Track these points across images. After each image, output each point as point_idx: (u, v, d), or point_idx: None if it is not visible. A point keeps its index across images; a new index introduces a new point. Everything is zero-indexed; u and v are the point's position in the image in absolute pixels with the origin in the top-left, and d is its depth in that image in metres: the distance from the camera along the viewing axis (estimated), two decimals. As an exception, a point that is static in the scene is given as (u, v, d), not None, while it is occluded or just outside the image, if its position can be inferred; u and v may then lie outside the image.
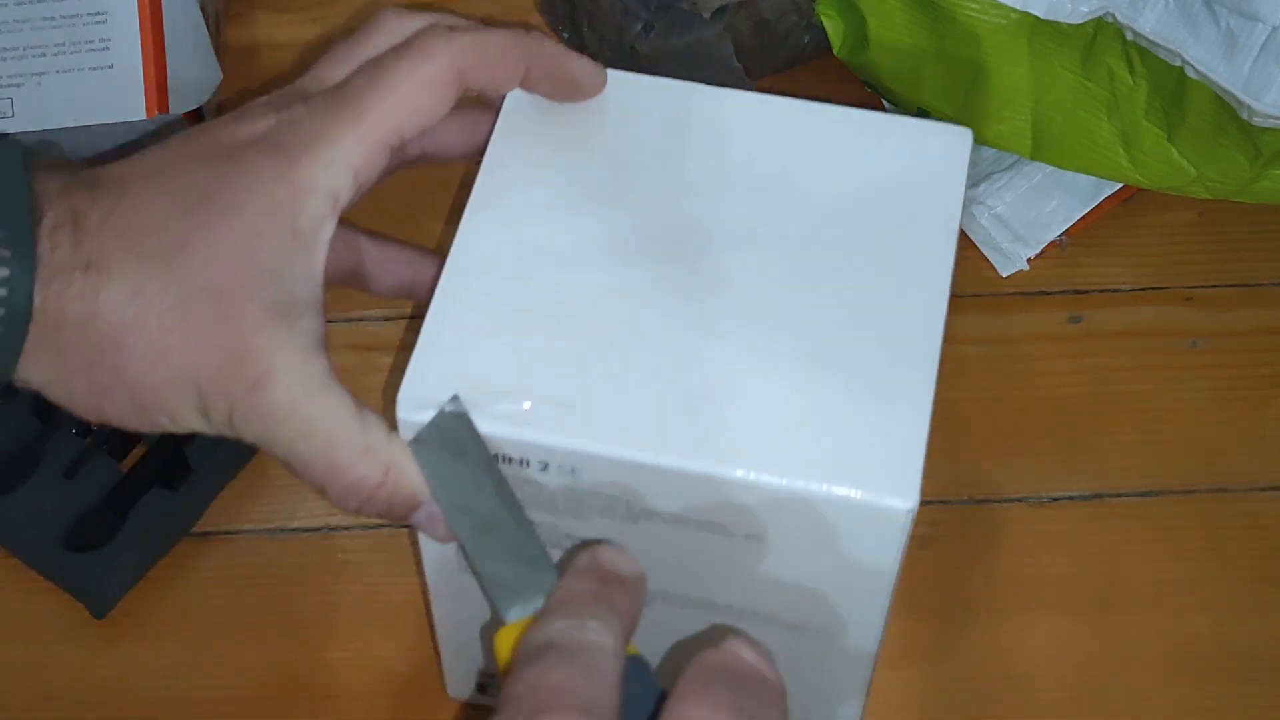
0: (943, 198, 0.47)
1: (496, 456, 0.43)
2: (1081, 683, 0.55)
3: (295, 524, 0.59)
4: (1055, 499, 0.60)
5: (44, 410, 0.59)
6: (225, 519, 0.59)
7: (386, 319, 0.64)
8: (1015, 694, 0.55)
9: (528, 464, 0.43)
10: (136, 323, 0.42)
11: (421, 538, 0.47)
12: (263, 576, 0.58)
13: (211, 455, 0.59)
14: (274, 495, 0.59)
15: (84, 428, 0.59)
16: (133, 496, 0.57)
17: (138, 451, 0.59)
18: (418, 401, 0.43)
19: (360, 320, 0.64)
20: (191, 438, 0.58)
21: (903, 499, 0.41)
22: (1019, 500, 0.59)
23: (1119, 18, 0.59)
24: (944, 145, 0.48)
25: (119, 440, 0.59)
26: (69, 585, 0.56)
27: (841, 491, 0.41)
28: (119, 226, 0.42)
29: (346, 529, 0.59)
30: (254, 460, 0.60)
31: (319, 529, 0.59)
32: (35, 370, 0.42)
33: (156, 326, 0.42)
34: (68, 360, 0.42)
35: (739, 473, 0.41)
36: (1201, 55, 0.58)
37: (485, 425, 0.42)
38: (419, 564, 0.49)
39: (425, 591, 0.50)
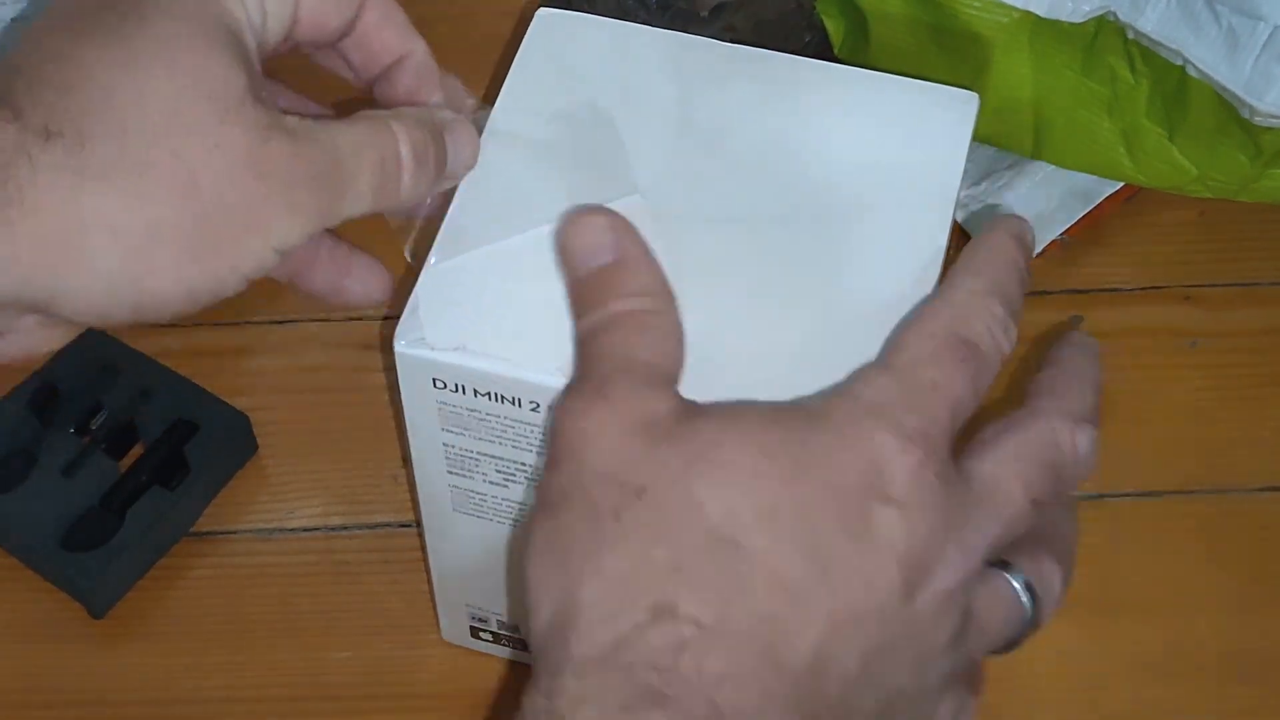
0: (944, 163, 0.47)
1: (490, 395, 0.43)
2: (1081, 684, 0.55)
3: (293, 524, 0.59)
4: (1055, 499, 0.59)
5: (42, 409, 0.59)
6: (224, 519, 0.59)
7: (386, 318, 0.64)
8: (1015, 695, 0.55)
9: (519, 403, 0.43)
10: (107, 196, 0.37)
11: (418, 473, 0.47)
12: (261, 577, 0.58)
13: (210, 455, 0.59)
14: (272, 495, 0.59)
15: (82, 427, 0.59)
16: (131, 496, 0.57)
17: (136, 451, 0.59)
18: (414, 337, 0.43)
19: (360, 320, 0.64)
20: (190, 437, 0.58)
21: None
22: (1019, 500, 0.59)
23: (1120, 17, 0.59)
24: (950, 109, 0.48)
25: (117, 440, 0.59)
26: (67, 585, 0.56)
27: None
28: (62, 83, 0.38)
29: (344, 529, 0.59)
30: (252, 460, 0.60)
31: (317, 529, 0.59)
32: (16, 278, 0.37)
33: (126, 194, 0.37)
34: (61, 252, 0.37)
35: None
36: (1203, 54, 0.58)
37: (479, 364, 0.42)
38: (416, 514, 0.49)
39: (422, 544, 0.50)
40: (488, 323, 0.43)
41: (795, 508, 0.37)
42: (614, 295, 0.40)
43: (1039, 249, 0.65)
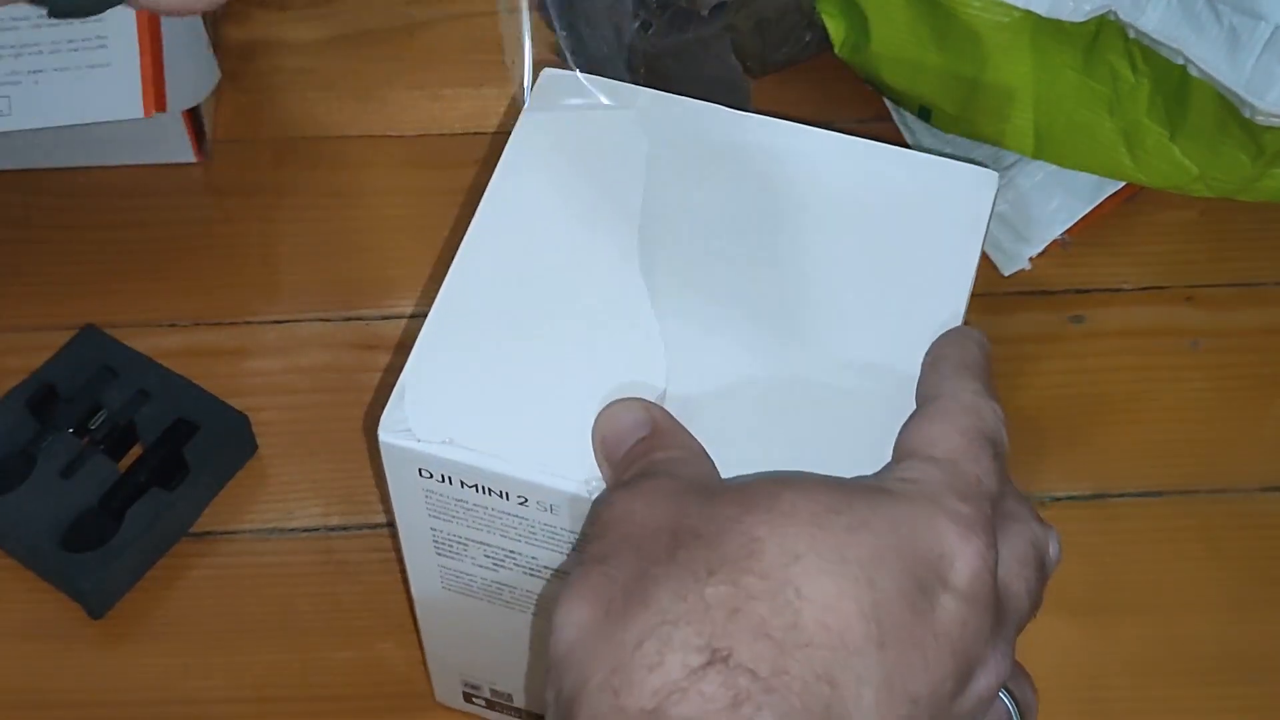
0: (962, 243, 0.46)
1: (477, 487, 0.42)
2: (1082, 685, 0.55)
3: (293, 524, 0.59)
4: (1056, 499, 0.59)
5: (41, 410, 0.59)
6: (223, 519, 0.59)
7: (386, 318, 0.64)
8: (1015, 696, 0.55)
9: (507, 496, 0.42)
10: None
11: (406, 551, 0.46)
12: (260, 577, 0.57)
13: (209, 456, 0.58)
14: (271, 496, 0.59)
15: (81, 428, 0.59)
16: (130, 497, 0.57)
17: (135, 452, 0.59)
18: (399, 428, 0.42)
19: (360, 319, 0.64)
20: (189, 437, 0.58)
21: None
22: (1019, 501, 0.59)
23: (1121, 16, 0.59)
24: (969, 188, 0.47)
25: (116, 440, 0.58)
26: (66, 586, 0.56)
27: None
28: None
29: (344, 529, 0.59)
30: (252, 461, 0.60)
31: (316, 529, 0.59)
32: None
33: None
34: None
35: None
36: (1204, 54, 0.58)
37: (464, 456, 0.41)
38: (404, 580, 0.49)
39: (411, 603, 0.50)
40: (475, 415, 0.42)
41: (860, 562, 0.35)
42: (652, 452, 0.40)
43: (1041, 248, 0.65)
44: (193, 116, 0.66)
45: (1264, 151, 0.60)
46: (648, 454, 0.40)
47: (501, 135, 0.69)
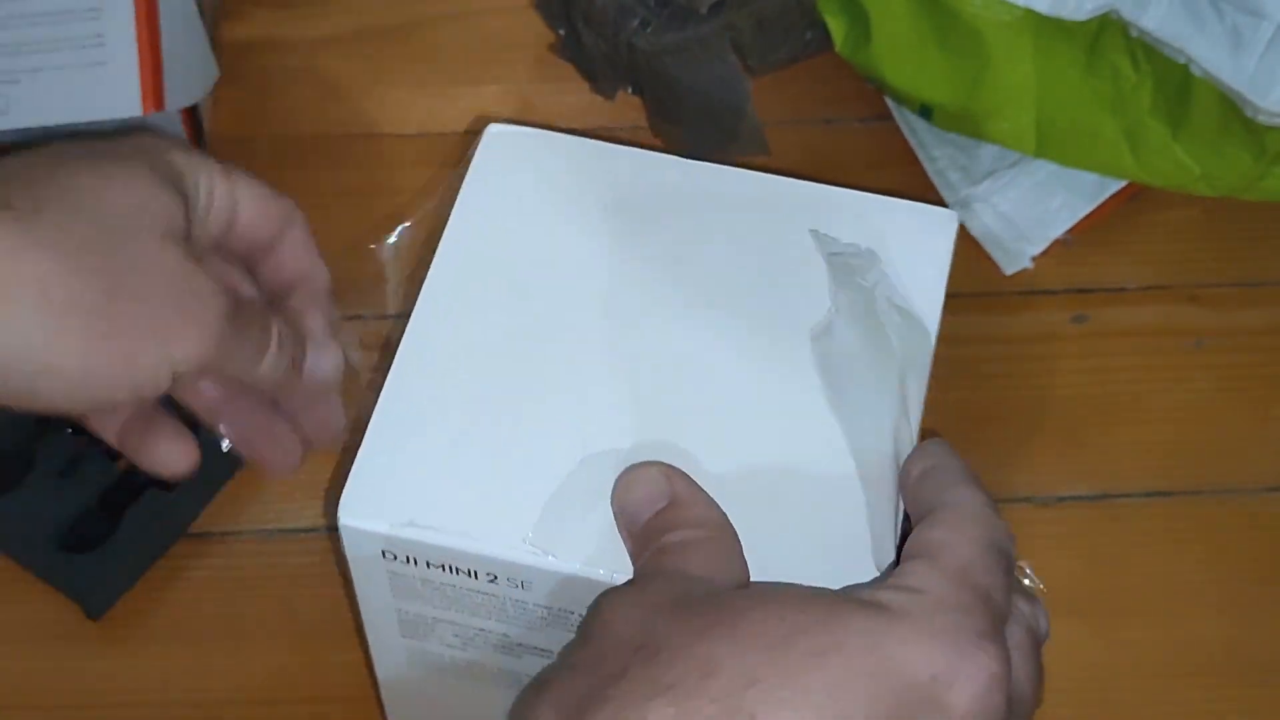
0: (925, 287, 0.45)
1: (443, 566, 0.41)
2: (1086, 686, 0.55)
3: (292, 525, 0.58)
4: (1060, 499, 0.59)
5: (39, 410, 0.59)
6: (222, 520, 0.58)
7: (385, 317, 0.64)
8: (1019, 697, 0.55)
9: (475, 575, 0.41)
10: None
11: (370, 634, 0.46)
12: (259, 578, 0.57)
13: (208, 455, 0.58)
14: (270, 496, 0.59)
15: (80, 427, 0.58)
16: (128, 497, 0.57)
17: (133, 452, 0.59)
18: (360, 509, 0.41)
19: (359, 319, 0.64)
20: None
21: None
22: (1023, 501, 0.59)
23: (1123, 15, 0.59)
24: (929, 229, 0.46)
25: (115, 440, 0.58)
26: (64, 587, 0.56)
27: None
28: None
29: (344, 530, 0.58)
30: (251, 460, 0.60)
31: (315, 529, 0.58)
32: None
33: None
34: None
35: None
36: (1206, 52, 0.58)
37: (429, 537, 0.41)
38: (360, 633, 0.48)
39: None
40: (437, 491, 0.41)
41: (827, 689, 0.33)
42: (668, 530, 0.39)
43: (1043, 247, 0.65)
44: (191, 115, 0.66)
45: (1267, 150, 0.60)
46: (664, 532, 0.39)
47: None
